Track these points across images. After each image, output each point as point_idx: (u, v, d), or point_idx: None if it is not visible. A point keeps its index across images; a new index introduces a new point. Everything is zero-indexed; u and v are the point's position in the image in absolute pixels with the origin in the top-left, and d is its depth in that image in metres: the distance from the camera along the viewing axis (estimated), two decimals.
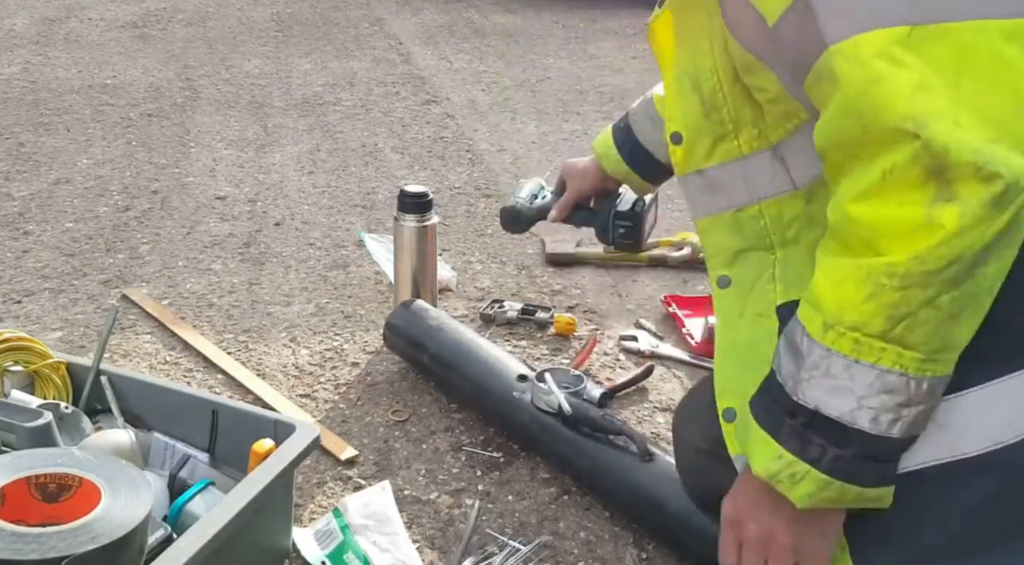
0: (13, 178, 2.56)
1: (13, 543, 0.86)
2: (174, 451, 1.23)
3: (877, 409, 0.76)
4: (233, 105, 3.30)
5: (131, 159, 2.73)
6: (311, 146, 2.89)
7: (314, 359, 1.69)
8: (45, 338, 1.69)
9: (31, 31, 4.29)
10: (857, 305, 0.75)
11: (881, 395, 0.76)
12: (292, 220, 2.32)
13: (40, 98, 3.31)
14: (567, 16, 4.95)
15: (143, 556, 0.96)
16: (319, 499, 1.32)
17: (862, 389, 0.76)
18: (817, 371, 0.78)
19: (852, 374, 0.76)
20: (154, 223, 2.29)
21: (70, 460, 0.99)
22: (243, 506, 1.00)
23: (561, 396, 1.37)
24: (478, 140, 2.98)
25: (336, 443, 1.43)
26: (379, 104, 3.35)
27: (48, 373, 1.31)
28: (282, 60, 3.94)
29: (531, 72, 3.85)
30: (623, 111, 1.47)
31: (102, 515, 0.91)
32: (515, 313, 1.82)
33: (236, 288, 1.97)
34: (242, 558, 1.08)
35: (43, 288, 1.94)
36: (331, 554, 1.19)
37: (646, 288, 1.99)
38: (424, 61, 3.99)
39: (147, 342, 1.74)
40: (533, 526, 1.27)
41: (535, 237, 2.21)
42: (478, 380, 1.50)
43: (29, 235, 2.20)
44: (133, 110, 3.20)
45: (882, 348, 0.75)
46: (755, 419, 0.85)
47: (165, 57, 3.92)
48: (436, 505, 1.31)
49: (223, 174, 2.63)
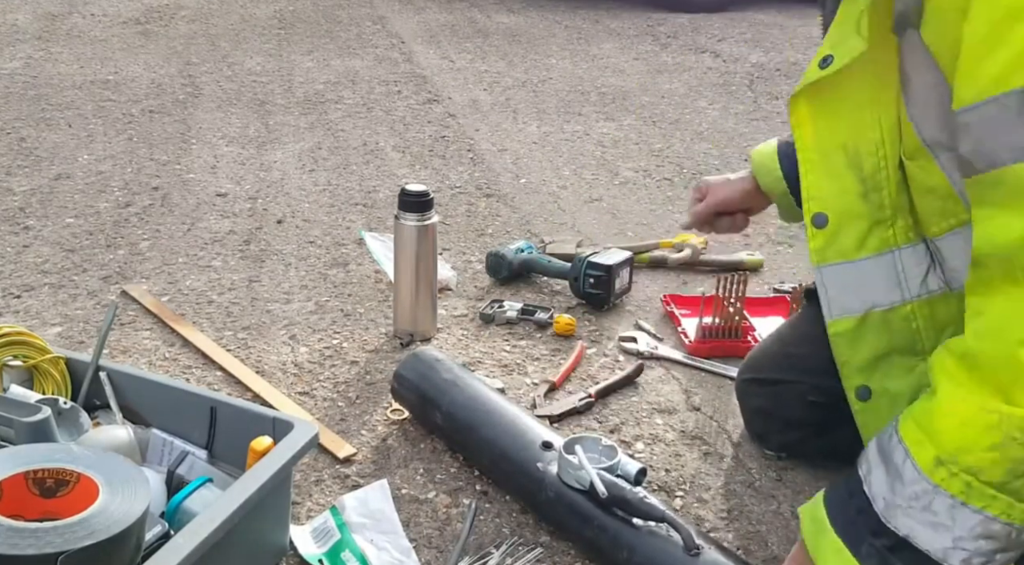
0: (14, 173, 2.56)
1: (10, 538, 0.86)
2: (172, 447, 1.23)
3: (971, 552, 0.74)
4: (235, 102, 3.30)
5: (132, 155, 2.73)
6: (312, 144, 2.89)
7: (313, 357, 1.69)
8: (44, 333, 1.70)
9: (33, 26, 4.28)
10: (980, 451, 0.72)
11: (980, 540, 0.73)
12: (292, 218, 2.32)
13: (42, 93, 3.31)
14: (570, 16, 4.95)
15: (140, 552, 0.96)
16: (317, 497, 1.32)
17: (962, 531, 0.74)
18: (917, 503, 0.75)
19: (955, 515, 0.74)
20: (154, 219, 2.29)
21: (68, 456, 0.99)
22: (241, 503, 1.00)
23: (594, 473, 1.16)
24: (479, 140, 2.98)
25: (334, 441, 1.43)
26: (381, 103, 3.35)
27: (47, 368, 1.31)
28: (284, 58, 3.94)
29: (533, 72, 3.85)
30: (624, 111, 1.43)
31: (100, 511, 0.91)
32: (515, 313, 1.82)
33: (236, 285, 1.97)
34: (239, 555, 1.07)
35: (43, 283, 1.94)
36: (328, 552, 1.19)
37: (646, 289, 1.99)
38: (426, 60, 3.99)
39: (146, 338, 1.74)
40: (531, 526, 1.27)
41: (535, 237, 2.21)
42: (497, 446, 1.31)
43: (29, 230, 2.20)
44: (134, 106, 3.20)
45: (993, 496, 0.72)
46: (831, 524, 0.82)
47: (167, 53, 3.92)
48: (434, 504, 1.31)
49: (224, 171, 2.63)
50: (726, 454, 1.45)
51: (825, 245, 0.93)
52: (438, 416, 1.40)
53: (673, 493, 1.35)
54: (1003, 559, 0.75)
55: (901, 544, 0.76)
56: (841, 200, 0.91)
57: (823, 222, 0.92)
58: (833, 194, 0.91)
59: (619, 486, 1.16)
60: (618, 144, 2.97)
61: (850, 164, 0.89)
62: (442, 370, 1.44)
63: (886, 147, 0.87)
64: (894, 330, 0.91)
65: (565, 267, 1.92)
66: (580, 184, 2.63)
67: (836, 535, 0.80)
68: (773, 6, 5.40)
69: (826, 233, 0.92)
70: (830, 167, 0.91)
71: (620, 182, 2.65)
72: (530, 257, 1.98)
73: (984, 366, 0.72)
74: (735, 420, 1.52)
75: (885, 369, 0.92)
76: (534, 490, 1.25)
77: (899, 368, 0.92)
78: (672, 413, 1.55)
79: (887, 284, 0.91)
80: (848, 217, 0.91)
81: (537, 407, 1.54)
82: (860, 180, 0.89)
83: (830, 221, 0.92)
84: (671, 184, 2.64)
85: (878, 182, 0.88)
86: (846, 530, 0.79)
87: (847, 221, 0.91)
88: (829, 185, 0.91)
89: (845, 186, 0.90)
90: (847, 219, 0.91)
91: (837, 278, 0.93)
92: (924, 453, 0.75)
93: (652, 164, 2.80)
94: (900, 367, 0.92)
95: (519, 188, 2.58)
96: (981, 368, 0.72)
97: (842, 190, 0.90)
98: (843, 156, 0.90)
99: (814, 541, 0.83)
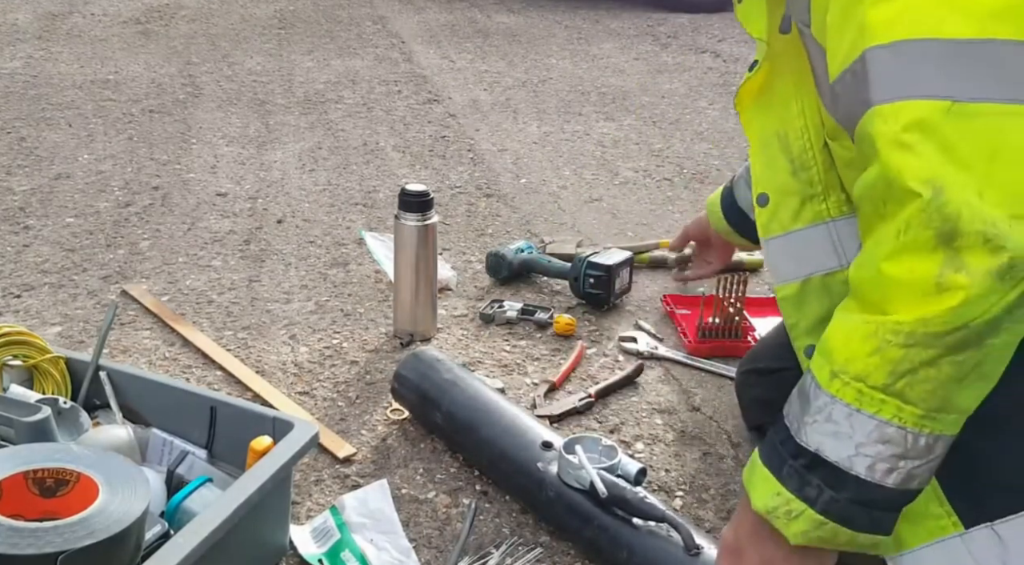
0: (14, 172, 2.56)
1: (10, 538, 0.86)
2: (172, 447, 1.23)
3: (873, 458, 0.79)
4: (235, 102, 3.30)
5: (132, 155, 2.73)
6: (312, 144, 2.89)
7: (313, 357, 1.69)
8: (44, 333, 1.70)
9: (33, 26, 4.29)
10: (863, 357, 0.78)
11: (878, 444, 0.79)
12: (293, 218, 2.32)
13: (42, 93, 3.31)
14: (570, 16, 4.95)
15: (140, 552, 0.96)
16: (317, 497, 1.32)
17: (861, 437, 0.79)
18: (820, 415, 0.82)
19: (853, 422, 0.79)
20: (154, 219, 2.29)
21: (68, 455, 0.99)
22: (240, 503, 1.00)
23: (594, 473, 1.17)
24: (479, 140, 2.98)
25: (334, 441, 1.43)
26: (381, 103, 3.35)
27: (47, 368, 1.31)
28: (284, 57, 3.94)
29: (533, 72, 3.85)
30: (624, 111, 1.49)
31: (99, 510, 0.91)
32: (515, 313, 1.82)
33: (236, 285, 1.97)
34: (239, 555, 1.08)
35: (43, 283, 1.94)
36: (328, 552, 1.19)
37: (646, 289, 1.99)
38: (426, 60, 3.99)
39: (146, 338, 1.74)
40: (531, 526, 1.27)
41: (535, 237, 2.21)
42: (497, 446, 1.31)
43: (29, 230, 2.20)
44: (135, 106, 3.20)
45: (882, 400, 0.78)
46: (760, 457, 0.88)
47: (167, 53, 3.92)
48: (433, 504, 1.31)
49: (224, 171, 2.63)
50: (726, 454, 1.45)
51: (768, 220, 1.05)
52: (438, 416, 1.40)
53: (673, 493, 1.35)
54: (909, 467, 0.79)
55: (815, 460, 0.82)
56: (776, 180, 1.04)
57: (765, 201, 1.05)
58: (770, 176, 1.04)
59: (619, 486, 1.16)
60: (618, 144, 2.97)
61: (782, 149, 1.03)
62: (442, 370, 1.44)
63: (810, 131, 1.00)
64: (834, 293, 1.01)
65: (565, 267, 1.92)
66: (580, 184, 2.63)
67: (762, 465, 0.87)
68: None
69: (768, 210, 1.05)
70: (768, 154, 1.04)
71: (620, 182, 2.65)
72: (530, 257, 1.98)
73: (860, 288, 0.80)
74: (735, 420, 1.52)
75: None
76: (534, 490, 1.25)
77: None
78: (672, 413, 1.55)
79: (824, 252, 1.02)
80: (783, 194, 1.04)
81: (537, 407, 1.54)
82: (790, 160, 1.02)
83: (770, 200, 1.05)
84: (671, 184, 2.65)
85: (805, 161, 1.01)
86: (770, 459, 0.86)
87: (782, 198, 1.04)
88: (767, 169, 1.04)
89: (779, 167, 1.03)
90: (783, 196, 1.04)
91: (779, 249, 1.05)
92: (822, 371, 0.82)
93: (652, 164, 2.80)
94: None
95: (519, 188, 2.58)
96: (858, 291, 0.80)
97: (776, 171, 1.04)
98: (776, 141, 1.03)
99: (748, 479, 0.89)
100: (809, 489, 0.82)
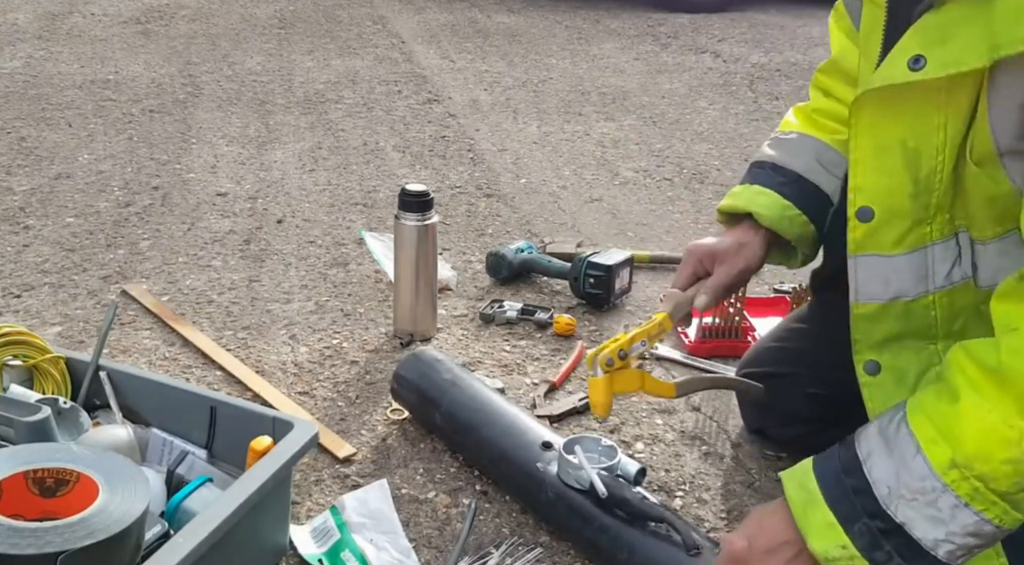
0: (14, 172, 2.56)
1: (10, 537, 0.86)
2: (172, 447, 1.23)
3: (958, 546, 0.78)
4: (235, 102, 3.30)
5: (132, 155, 2.73)
6: (312, 144, 2.89)
7: (313, 357, 1.69)
8: (44, 333, 1.70)
9: (34, 26, 4.29)
10: (995, 462, 0.75)
11: (969, 537, 0.78)
12: (293, 217, 2.32)
13: (42, 93, 3.31)
14: (570, 17, 4.95)
15: (140, 552, 0.96)
16: (316, 497, 1.32)
17: (956, 527, 0.78)
18: (923, 498, 0.79)
19: (955, 514, 0.78)
20: (155, 219, 2.29)
21: (68, 455, 0.99)
22: (240, 503, 1.00)
23: (593, 473, 1.16)
24: (479, 140, 2.98)
25: (334, 441, 1.43)
26: (381, 102, 3.35)
27: (47, 368, 1.31)
28: (284, 57, 3.94)
29: (533, 72, 3.85)
30: (624, 112, 1.42)
31: (99, 510, 0.91)
32: (515, 313, 1.82)
33: (236, 285, 1.97)
34: (239, 555, 1.07)
35: (43, 283, 1.94)
36: (328, 552, 1.19)
37: (646, 289, 1.99)
38: (426, 60, 3.99)
39: (146, 338, 1.74)
40: (530, 526, 1.27)
41: (535, 237, 2.21)
42: (497, 446, 1.30)
43: (29, 230, 2.20)
44: (135, 106, 3.20)
45: (994, 502, 0.76)
46: (824, 496, 0.85)
47: (167, 53, 3.92)
48: (433, 504, 1.31)
49: (224, 171, 2.63)
50: (726, 454, 1.45)
51: (865, 237, 0.93)
52: (438, 416, 1.40)
53: (673, 493, 1.35)
54: (978, 552, 0.80)
55: (896, 529, 0.80)
56: (890, 199, 0.90)
57: (868, 216, 0.92)
58: (883, 192, 0.91)
59: (619, 486, 1.15)
60: (618, 144, 2.97)
61: (907, 164, 0.88)
62: (442, 370, 1.44)
63: (946, 151, 0.86)
64: (913, 317, 0.94)
65: (565, 267, 1.92)
66: (580, 184, 2.63)
67: (828, 509, 0.83)
68: (773, 6, 5.40)
69: (868, 227, 0.92)
70: (884, 164, 0.90)
71: (620, 182, 2.65)
72: (530, 257, 1.98)
73: (1013, 384, 0.74)
74: (735, 420, 1.52)
75: (896, 349, 0.95)
76: (534, 490, 1.24)
77: (910, 349, 0.95)
78: (672, 413, 1.55)
79: (915, 278, 0.92)
80: (893, 215, 0.91)
81: (537, 407, 1.54)
82: (914, 181, 0.88)
83: (875, 216, 0.92)
84: (671, 184, 2.65)
85: (931, 184, 0.88)
86: (839, 506, 0.82)
87: (891, 218, 0.91)
88: (880, 182, 0.90)
89: (896, 184, 0.89)
90: (892, 216, 0.91)
91: (869, 268, 0.94)
92: (939, 453, 0.78)
93: (652, 164, 2.80)
94: (911, 348, 0.95)
95: (519, 188, 2.58)
96: (1010, 385, 0.75)
97: (892, 188, 0.90)
98: (900, 154, 0.88)
99: (802, 510, 0.86)
100: (879, 553, 0.80)
